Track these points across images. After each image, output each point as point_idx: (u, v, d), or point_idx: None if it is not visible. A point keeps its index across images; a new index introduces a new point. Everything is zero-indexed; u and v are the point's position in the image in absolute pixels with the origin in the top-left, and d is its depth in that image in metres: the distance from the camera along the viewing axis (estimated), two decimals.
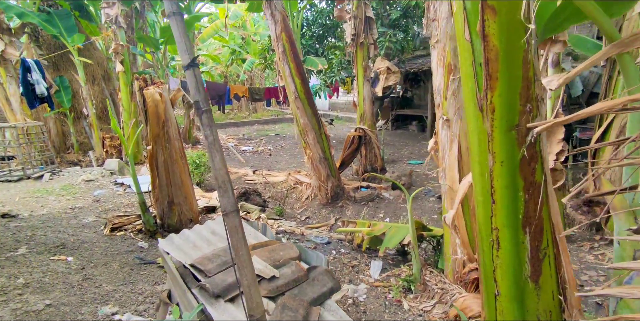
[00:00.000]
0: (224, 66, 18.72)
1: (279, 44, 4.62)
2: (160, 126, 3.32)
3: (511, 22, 1.07)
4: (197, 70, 1.56)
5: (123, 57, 7.69)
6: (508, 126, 1.18)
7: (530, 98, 1.15)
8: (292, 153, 9.69)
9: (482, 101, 1.19)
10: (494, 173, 1.27)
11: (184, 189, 3.68)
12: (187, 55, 1.50)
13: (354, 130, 6.01)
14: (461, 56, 1.23)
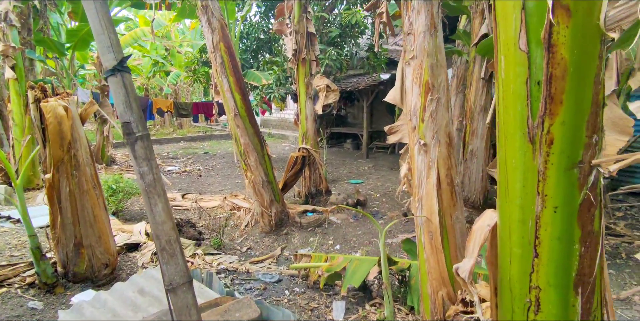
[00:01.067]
0: (145, 77, 17.21)
1: (216, 55, 4.11)
2: (64, 148, 2.58)
3: (587, 28, 0.82)
4: (127, 76, 1.08)
5: (15, 62, 6.42)
6: (569, 162, 0.92)
7: (597, 127, 0.91)
8: (225, 174, 8.97)
9: (536, 129, 0.92)
10: (542, 220, 1.00)
11: (97, 227, 2.91)
12: (112, 53, 1.02)
13: (297, 150, 5.64)
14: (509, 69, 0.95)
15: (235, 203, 5.82)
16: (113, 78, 1.00)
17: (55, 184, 2.63)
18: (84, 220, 2.79)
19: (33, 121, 2.53)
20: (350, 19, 6.51)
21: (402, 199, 6.49)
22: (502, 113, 1.01)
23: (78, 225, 2.78)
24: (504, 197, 1.08)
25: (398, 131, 4.50)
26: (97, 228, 2.91)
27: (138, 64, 17.53)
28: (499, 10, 0.96)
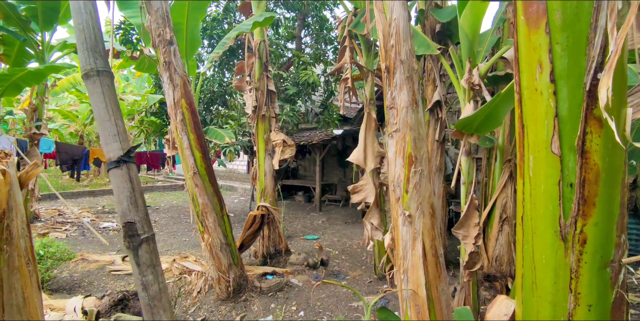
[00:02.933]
0: (81, 124, 16.12)
1: (177, 112, 3.97)
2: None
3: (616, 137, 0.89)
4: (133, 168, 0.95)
5: None
6: (602, 262, 0.94)
7: (625, 227, 0.95)
8: (171, 230, 8.27)
9: (568, 229, 0.94)
10: (575, 317, 0.98)
11: (27, 312, 2.40)
12: (119, 142, 0.89)
13: (256, 208, 5.42)
14: (538, 170, 0.99)
15: (185, 266, 5.30)
16: (117, 171, 0.87)
17: None
18: (10, 304, 2.28)
19: None
20: (307, 78, 6.82)
21: (362, 256, 6.40)
22: (530, 209, 1.04)
23: (2, 311, 2.26)
24: (531, 291, 1.06)
25: (361, 190, 4.56)
26: (26, 312, 2.39)
27: (74, 109, 16.50)
28: (528, 114, 1.02)
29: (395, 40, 1.98)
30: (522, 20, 0.97)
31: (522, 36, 0.99)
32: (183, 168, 4.16)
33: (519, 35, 1.00)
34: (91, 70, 1.04)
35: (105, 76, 0.88)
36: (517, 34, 1.01)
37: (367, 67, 4.25)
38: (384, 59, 2.06)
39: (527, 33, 0.95)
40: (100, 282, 5.15)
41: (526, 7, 0.94)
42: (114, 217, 9.68)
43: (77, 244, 6.81)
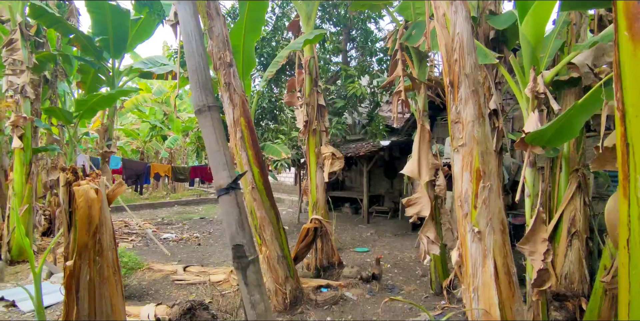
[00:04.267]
0: (142, 141, 17.40)
1: (236, 129, 4.19)
2: (90, 233, 2.43)
3: None
4: (239, 194, 1.05)
5: (24, 132, 6.43)
6: None
7: None
8: (224, 242, 8.59)
9: None
10: None
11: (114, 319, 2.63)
12: (227, 171, 0.99)
13: (309, 221, 5.50)
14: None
15: None
16: (226, 197, 0.97)
17: (75, 272, 2.42)
18: (100, 312, 2.51)
19: (61, 205, 2.42)
20: (355, 91, 6.90)
21: (415, 270, 6.23)
22: (638, 233, 0.99)
23: (94, 318, 2.50)
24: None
25: (416, 203, 4.49)
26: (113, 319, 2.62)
27: (136, 128, 17.88)
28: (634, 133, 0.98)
29: (459, 55, 1.97)
30: (626, 36, 0.94)
31: (625, 52, 0.96)
32: (242, 183, 4.34)
33: (621, 51, 0.97)
34: (203, 106, 1.16)
35: (214, 110, 0.99)
36: (619, 50, 0.98)
37: (420, 79, 4.24)
38: (447, 73, 2.06)
39: (632, 49, 0.92)
40: (165, 291, 5.45)
41: (631, 23, 0.92)
42: (173, 228, 10.26)
43: (142, 254, 7.28)
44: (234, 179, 0.93)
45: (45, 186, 8.42)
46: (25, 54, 6.25)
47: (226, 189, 0.92)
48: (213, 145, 0.95)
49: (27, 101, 6.40)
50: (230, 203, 0.93)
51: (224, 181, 0.95)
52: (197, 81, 1.02)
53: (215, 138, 0.93)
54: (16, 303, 4.01)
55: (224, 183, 0.96)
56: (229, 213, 0.94)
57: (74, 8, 8.22)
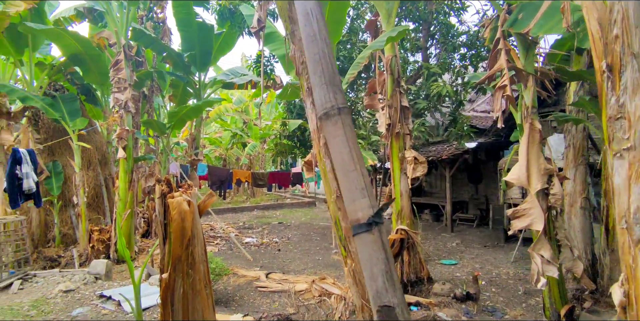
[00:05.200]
0: (224, 149, 18.51)
1: (319, 136, 4.01)
2: (184, 246, 2.41)
3: None
4: (384, 232, 0.82)
5: (127, 143, 7.08)
6: None
7: None
8: (303, 248, 8.56)
9: None
10: None
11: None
12: (367, 198, 0.75)
13: (394, 232, 5.13)
14: None
15: (324, 288, 5.29)
16: (367, 237, 0.72)
17: (170, 285, 2.41)
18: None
19: (156, 216, 2.44)
20: (439, 90, 6.37)
21: (517, 290, 5.46)
22: None
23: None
24: None
25: (525, 215, 3.85)
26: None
27: (219, 136, 19.10)
28: None
29: (622, 29, 1.50)
30: None
31: None
32: (326, 191, 4.15)
33: None
34: (332, 108, 0.90)
35: (346, 114, 0.77)
36: None
37: (527, 70, 3.64)
38: (601, 55, 1.59)
39: None
40: (249, 297, 5.49)
41: None
42: (253, 232, 10.57)
43: (227, 259, 7.54)
44: (377, 211, 0.68)
45: (144, 192, 9.25)
46: (127, 72, 6.90)
47: (367, 225, 0.66)
48: (347, 161, 0.70)
49: (129, 115, 7.05)
50: (374, 244, 0.67)
51: (364, 214, 0.70)
52: (322, 74, 0.80)
53: (349, 152, 0.69)
54: (121, 303, 4.30)
55: (364, 216, 0.70)
56: (371, 258, 0.69)
57: (167, 28, 8.96)
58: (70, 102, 7.79)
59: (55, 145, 8.17)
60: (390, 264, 0.68)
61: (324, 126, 1.19)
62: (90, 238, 7.10)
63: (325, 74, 0.79)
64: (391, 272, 0.67)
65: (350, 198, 0.70)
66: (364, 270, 0.71)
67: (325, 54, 0.83)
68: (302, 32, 1.45)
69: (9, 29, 6.94)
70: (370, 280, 0.69)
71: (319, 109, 1.22)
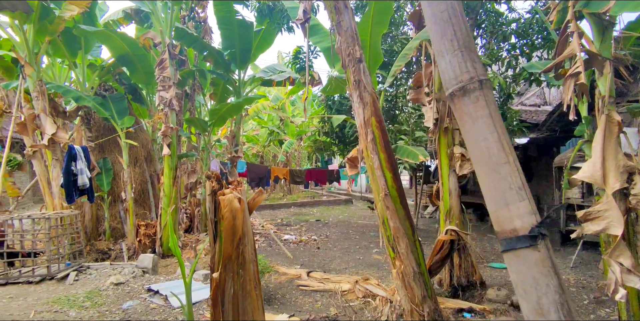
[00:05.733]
0: (262, 146, 18.73)
1: (367, 131, 3.83)
2: (235, 244, 2.32)
3: None
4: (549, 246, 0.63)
5: (171, 140, 7.24)
6: None
7: None
8: (343, 247, 8.41)
9: None
10: None
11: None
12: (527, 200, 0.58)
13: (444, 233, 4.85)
14: None
15: (368, 289, 5.11)
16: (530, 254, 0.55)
17: (221, 285, 2.34)
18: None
19: (207, 214, 2.38)
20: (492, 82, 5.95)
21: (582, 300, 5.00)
22: None
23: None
24: None
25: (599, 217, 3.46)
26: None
27: (256, 134, 19.35)
28: None
29: None
30: None
31: None
32: (373, 189, 3.97)
33: None
34: (470, 80, 0.72)
35: (488, 88, 0.62)
36: None
37: (603, 55, 3.25)
38: None
39: None
40: (291, 296, 5.42)
41: None
42: (291, 229, 10.56)
43: (267, 256, 7.54)
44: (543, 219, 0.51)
45: (186, 188, 9.48)
46: (172, 71, 7.04)
47: (530, 239, 0.49)
48: (494, 151, 0.53)
49: (173, 113, 7.20)
50: (540, 265, 0.50)
51: (524, 222, 0.52)
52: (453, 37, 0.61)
53: (498, 139, 0.53)
54: (168, 298, 4.35)
55: (523, 226, 0.52)
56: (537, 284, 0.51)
57: (208, 27, 9.09)
58: (119, 101, 8.10)
59: (105, 142, 8.54)
60: (567, 293, 0.49)
61: (459, 106, 0.95)
62: (137, 233, 7.35)
63: (459, 37, 0.61)
64: (568, 306, 0.49)
65: (500, 201, 0.53)
66: (521, 299, 0.54)
67: (456, 12, 0.65)
68: None
69: (64, 33, 7.30)
70: (534, 314, 0.51)
71: (450, 84, 0.98)
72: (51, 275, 5.06)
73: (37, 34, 6.83)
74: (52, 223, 5.32)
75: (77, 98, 7.37)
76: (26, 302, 4.21)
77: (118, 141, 7.90)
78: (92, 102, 7.44)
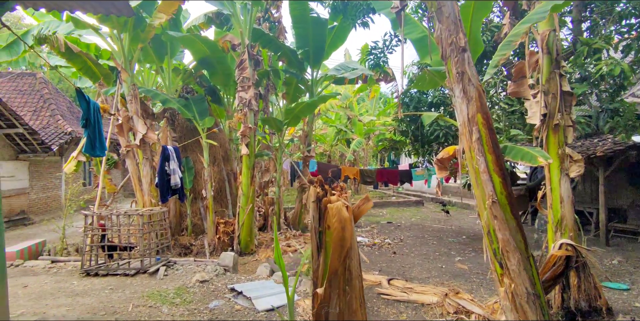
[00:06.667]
0: (329, 145, 18.64)
1: (472, 129, 3.37)
2: (342, 258, 2.08)
3: None
4: None
5: (249, 140, 7.34)
6: None
7: None
8: (421, 252, 7.89)
9: None
10: None
11: None
12: None
13: (557, 247, 4.17)
14: None
15: (461, 304, 4.61)
16: None
17: (325, 301, 2.12)
18: None
19: (310, 223, 2.16)
20: (610, 70, 5.04)
21: None
22: None
23: None
24: None
25: None
26: None
27: (324, 133, 19.32)
28: None
29: None
30: None
31: None
32: (476, 195, 3.49)
33: None
34: None
35: None
36: None
37: None
38: None
39: None
40: (373, 305, 5.10)
41: None
42: (363, 231, 10.24)
43: None
44: None
45: (260, 187, 9.64)
46: (251, 71, 7.12)
47: None
48: None
49: (252, 113, 7.29)
50: None
51: None
52: None
53: None
54: (252, 300, 4.30)
55: None
56: None
57: (282, 27, 9.11)
58: (200, 102, 8.44)
59: (187, 142, 8.99)
60: None
61: None
62: (216, 230, 7.59)
63: None
64: None
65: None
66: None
67: None
68: None
69: (153, 39, 7.79)
70: None
71: None
72: (144, 268, 5.34)
73: (131, 42, 7.35)
74: (144, 219, 5.62)
75: (164, 101, 7.81)
76: (124, 295, 4.45)
77: (199, 140, 8.23)
78: (177, 104, 7.83)
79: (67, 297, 4.34)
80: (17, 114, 10.71)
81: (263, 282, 5.05)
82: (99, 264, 5.58)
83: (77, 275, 5.27)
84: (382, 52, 8.50)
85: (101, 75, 8.29)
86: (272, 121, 8.56)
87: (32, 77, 14.89)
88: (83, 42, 8.49)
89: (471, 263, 6.89)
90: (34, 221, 11.60)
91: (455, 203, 15.39)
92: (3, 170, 10.85)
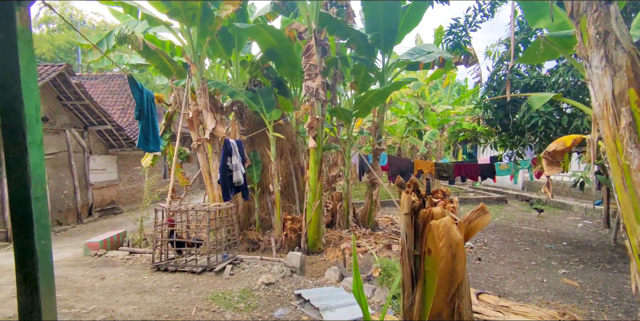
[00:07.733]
0: (399, 137, 17.61)
1: (617, 111, 2.45)
2: (449, 296, 1.44)
3: None
4: None
5: (317, 132, 6.88)
6: None
7: None
8: (511, 260, 6.80)
9: None
10: None
11: None
12: None
13: None
14: None
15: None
16: None
17: None
18: None
19: (404, 245, 1.57)
20: None
21: None
22: None
23: None
24: None
25: None
26: None
27: (393, 124, 18.30)
28: None
29: None
30: None
31: None
32: (621, 201, 2.56)
33: None
34: None
35: None
36: None
37: None
38: None
39: None
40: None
41: None
42: None
43: None
44: None
45: (328, 182, 9.19)
46: (317, 58, 6.63)
47: None
48: None
49: (319, 103, 6.81)
50: None
51: None
52: None
53: None
54: (321, 311, 3.83)
55: None
56: None
57: (351, 11, 8.46)
58: (267, 95, 8.20)
59: (254, 136, 8.85)
60: None
61: None
62: (284, 226, 7.30)
63: None
64: None
65: None
66: None
67: None
68: None
69: (220, 32, 7.67)
70: None
71: None
72: (211, 266, 5.19)
73: (200, 35, 7.30)
74: (212, 215, 5.47)
75: (232, 93, 7.69)
76: (189, 295, 4.28)
77: (266, 134, 8.01)
78: (245, 97, 7.66)
79: (136, 294, 4.30)
80: (106, 112, 11.59)
81: (332, 289, 4.56)
82: (169, 260, 5.58)
83: (148, 269, 5.30)
84: (463, 30, 7.41)
85: (175, 71, 8.46)
86: (341, 111, 8.01)
87: (121, 78, 16.21)
88: (159, 39, 8.74)
89: (581, 279, 5.68)
90: (122, 210, 12.59)
91: (547, 201, 13.48)
92: (95, 163, 11.88)
